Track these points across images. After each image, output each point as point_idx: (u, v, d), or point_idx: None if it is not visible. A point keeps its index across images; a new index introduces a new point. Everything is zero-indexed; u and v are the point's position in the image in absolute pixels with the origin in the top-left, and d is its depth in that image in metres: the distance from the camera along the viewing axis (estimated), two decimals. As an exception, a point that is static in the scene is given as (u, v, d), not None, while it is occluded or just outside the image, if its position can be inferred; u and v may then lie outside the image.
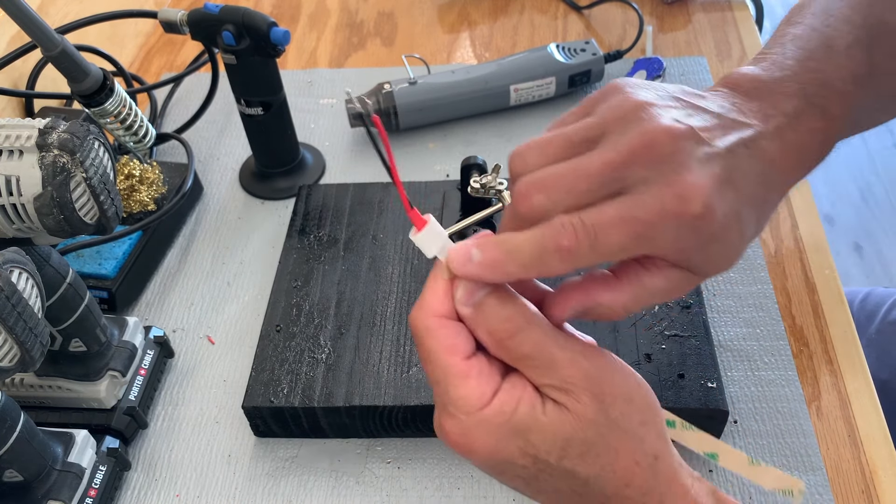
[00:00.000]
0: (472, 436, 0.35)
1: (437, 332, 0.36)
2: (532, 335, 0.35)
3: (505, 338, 0.35)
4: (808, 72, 0.41)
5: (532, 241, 0.34)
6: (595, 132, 0.36)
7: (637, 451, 0.35)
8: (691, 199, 0.34)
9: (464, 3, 0.95)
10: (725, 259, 0.37)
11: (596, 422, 0.34)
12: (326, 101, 0.83)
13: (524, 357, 0.35)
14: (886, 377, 0.72)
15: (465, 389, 0.35)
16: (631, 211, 0.34)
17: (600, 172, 0.34)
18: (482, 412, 0.35)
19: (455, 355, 0.35)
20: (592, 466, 0.35)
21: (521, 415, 0.35)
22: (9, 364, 0.40)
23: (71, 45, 0.54)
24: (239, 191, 0.75)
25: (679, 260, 0.36)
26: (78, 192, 0.44)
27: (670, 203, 0.33)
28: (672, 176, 0.34)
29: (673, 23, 0.89)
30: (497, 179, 0.59)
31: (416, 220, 0.36)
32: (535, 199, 0.35)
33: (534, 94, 0.78)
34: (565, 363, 0.35)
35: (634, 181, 0.34)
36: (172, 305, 0.65)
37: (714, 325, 0.59)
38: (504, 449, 0.35)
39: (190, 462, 0.56)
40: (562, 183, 0.35)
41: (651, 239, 0.34)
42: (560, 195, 0.35)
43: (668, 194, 0.33)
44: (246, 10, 0.63)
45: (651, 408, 0.36)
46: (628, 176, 0.34)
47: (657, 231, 0.34)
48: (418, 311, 0.36)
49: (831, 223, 1.86)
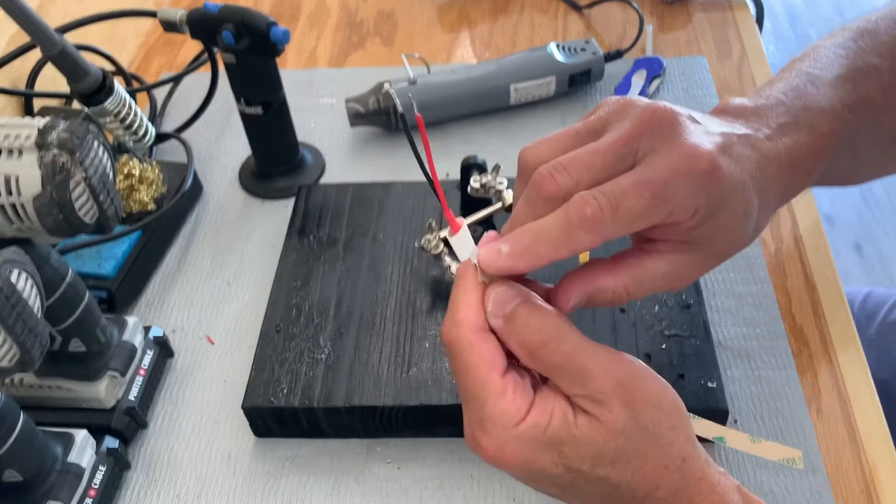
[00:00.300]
0: (508, 450, 0.36)
1: (479, 347, 0.36)
2: (563, 345, 0.35)
3: (536, 348, 0.36)
4: (795, 98, 0.44)
5: (557, 219, 0.36)
6: (599, 124, 0.39)
7: (666, 455, 0.36)
8: (698, 157, 0.37)
9: (464, 2, 0.95)
10: (731, 234, 0.39)
11: (626, 430, 0.35)
12: (326, 101, 0.83)
13: (557, 367, 0.36)
14: (886, 377, 0.72)
15: (502, 405, 0.35)
16: (645, 175, 0.36)
17: (613, 148, 0.37)
18: (518, 427, 0.35)
19: (494, 370, 0.36)
20: (624, 472, 0.36)
21: (554, 428, 0.35)
22: (8, 364, 0.40)
23: (70, 44, 0.54)
24: (239, 190, 0.75)
25: (691, 228, 0.37)
26: (77, 192, 0.44)
27: (679, 162, 0.36)
28: (678, 140, 0.37)
29: (673, 22, 0.89)
30: (497, 179, 0.59)
31: (452, 223, 0.37)
32: (560, 179, 0.37)
33: (534, 93, 0.78)
34: (597, 372, 0.35)
35: (645, 152, 0.37)
36: (172, 305, 0.65)
37: (714, 324, 0.59)
38: (539, 460, 0.36)
39: (190, 462, 0.56)
40: (580, 161, 0.37)
41: (666, 199, 0.36)
42: (581, 172, 0.37)
43: (676, 155, 0.36)
44: (246, 9, 0.63)
45: (678, 411, 0.37)
46: (639, 147, 0.37)
47: (670, 190, 0.36)
48: (455, 327, 0.37)
49: (831, 223, 1.86)
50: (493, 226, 0.60)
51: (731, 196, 0.38)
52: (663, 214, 0.36)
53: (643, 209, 0.36)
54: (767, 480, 0.51)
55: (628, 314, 0.56)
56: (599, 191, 0.36)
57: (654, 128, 0.37)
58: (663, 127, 0.37)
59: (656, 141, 0.37)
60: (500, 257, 0.36)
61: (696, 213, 0.37)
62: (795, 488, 0.51)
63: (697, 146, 0.37)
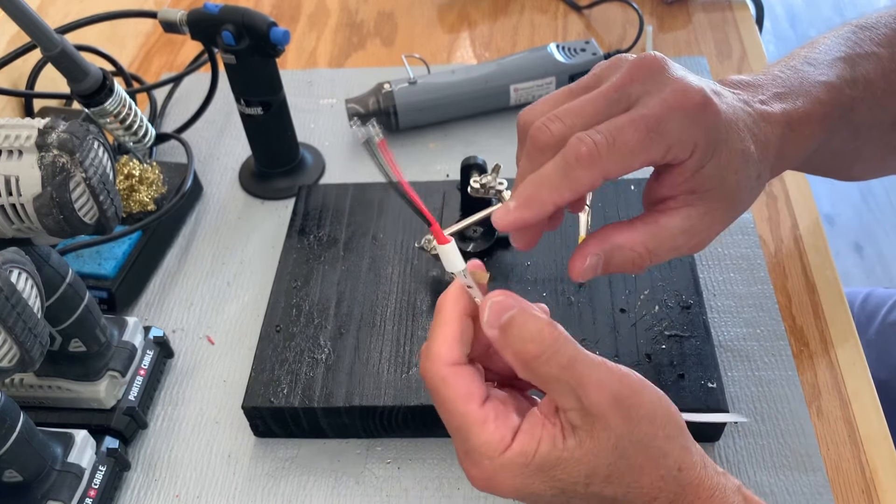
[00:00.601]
0: (498, 479, 0.35)
1: (453, 381, 0.36)
2: (558, 357, 0.35)
3: (532, 359, 0.35)
4: (792, 75, 0.45)
5: (555, 163, 0.37)
6: (592, 81, 0.41)
7: (661, 466, 0.35)
8: (691, 92, 0.38)
9: (464, 3, 0.95)
10: (734, 175, 0.39)
11: (619, 445, 0.35)
12: (326, 101, 0.83)
13: (551, 379, 0.35)
14: (886, 377, 0.72)
15: (485, 436, 0.35)
16: (639, 112, 0.37)
17: (605, 95, 0.38)
18: (504, 456, 0.35)
19: (471, 403, 0.35)
20: (619, 487, 0.35)
21: (542, 453, 0.35)
22: (8, 364, 0.40)
23: (71, 44, 0.54)
24: (239, 191, 0.75)
25: (694, 171, 0.38)
26: (77, 193, 0.44)
27: (672, 98, 0.37)
28: (670, 80, 0.38)
29: (673, 23, 0.89)
30: (497, 179, 0.59)
31: (438, 236, 0.37)
32: (553, 127, 0.38)
33: (534, 94, 0.78)
34: (592, 385, 0.35)
35: (638, 95, 0.38)
36: (172, 305, 0.65)
37: (714, 325, 0.59)
38: (530, 486, 0.35)
39: (190, 462, 0.56)
40: (572, 110, 0.38)
41: (662, 133, 0.37)
42: (573, 119, 0.38)
43: (669, 91, 0.37)
44: (246, 9, 0.63)
45: (672, 420, 0.36)
46: (632, 92, 0.38)
47: (665, 123, 0.37)
48: (429, 362, 0.36)
49: (831, 223, 1.86)
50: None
51: (727, 133, 0.38)
52: (662, 149, 0.37)
53: (640, 143, 0.36)
54: (767, 480, 0.51)
55: (628, 314, 0.56)
56: (595, 129, 0.37)
57: (645, 73, 0.38)
58: (653, 71, 0.38)
59: (648, 84, 0.38)
60: (509, 213, 0.37)
61: (695, 149, 0.37)
62: (795, 488, 0.51)
63: (689, 83, 0.38)
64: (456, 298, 0.37)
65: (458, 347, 0.36)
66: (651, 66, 0.38)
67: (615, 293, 0.57)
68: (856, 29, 0.50)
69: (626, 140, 0.36)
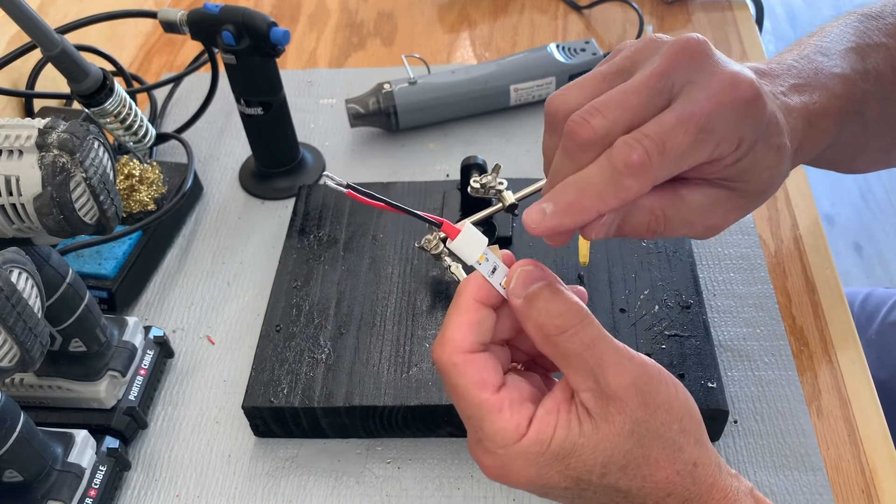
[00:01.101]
0: (512, 468, 0.35)
1: (464, 368, 0.35)
2: (582, 334, 0.34)
3: (554, 333, 0.34)
4: (806, 64, 0.43)
5: (601, 168, 0.34)
6: (627, 63, 0.37)
7: (677, 460, 0.35)
8: (741, 84, 0.35)
9: (464, 3, 0.95)
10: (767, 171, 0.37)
11: (635, 432, 0.34)
12: (326, 101, 0.83)
13: (572, 355, 0.34)
14: (886, 377, 0.72)
15: (500, 423, 0.34)
16: (687, 109, 0.34)
17: (648, 84, 0.35)
18: (520, 444, 0.34)
19: (485, 390, 0.35)
20: (634, 479, 0.35)
21: (558, 441, 0.34)
22: (8, 364, 0.40)
23: (71, 45, 0.54)
24: (239, 191, 0.75)
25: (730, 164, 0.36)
26: (78, 192, 0.44)
27: (721, 92, 0.34)
28: (716, 68, 0.35)
29: (673, 22, 0.89)
30: (497, 179, 0.59)
31: (449, 232, 0.36)
32: (595, 122, 0.34)
33: (534, 94, 0.78)
34: (612, 367, 0.34)
35: (681, 84, 0.35)
36: (172, 305, 0.65)
37: (714, 325, 0.59)
38: (545, 475, 0.35)
39: (190, 462, 0.56)
40: (614, 101, 0.35)
41: (712, 132, 0.34)
42: (616, 113, 0.34)
43: (717, 84, 0.34)
44: (246, 9, 0.63)
45: (689, 414, 0.36)
46: (675, 81, 0.35)
47: (715, 121, 0.34)
48: (442, 348, 0.36)
49: (831, 223, 1.86)
50: (493, 226, 0.60)
51: (769, 128, 0.36)
52: (710, 148, 0.34)
53: (690, 146, 0.34)
54: (767, 480, 0.51)
55: (628, 314, 0.56)
56: (642, 133, 0.34)
57: (688, 59, 0.35)
58: (696, 57, 0.35)
59: (692, 72, 0.35)
60: (546, 217, 0.34)
61: (739, 144, 0.35)
62: (795, 488, 0.51)
63: (738, 73, 0.35)
64: (474, 287, 0.36)
65: (471, 335, 0.36)
66: (694, 52, 0.35)
67: (615, 293, 0.57)
68: (862, 18, 0.48)
69: (676, 144, 0.33)
